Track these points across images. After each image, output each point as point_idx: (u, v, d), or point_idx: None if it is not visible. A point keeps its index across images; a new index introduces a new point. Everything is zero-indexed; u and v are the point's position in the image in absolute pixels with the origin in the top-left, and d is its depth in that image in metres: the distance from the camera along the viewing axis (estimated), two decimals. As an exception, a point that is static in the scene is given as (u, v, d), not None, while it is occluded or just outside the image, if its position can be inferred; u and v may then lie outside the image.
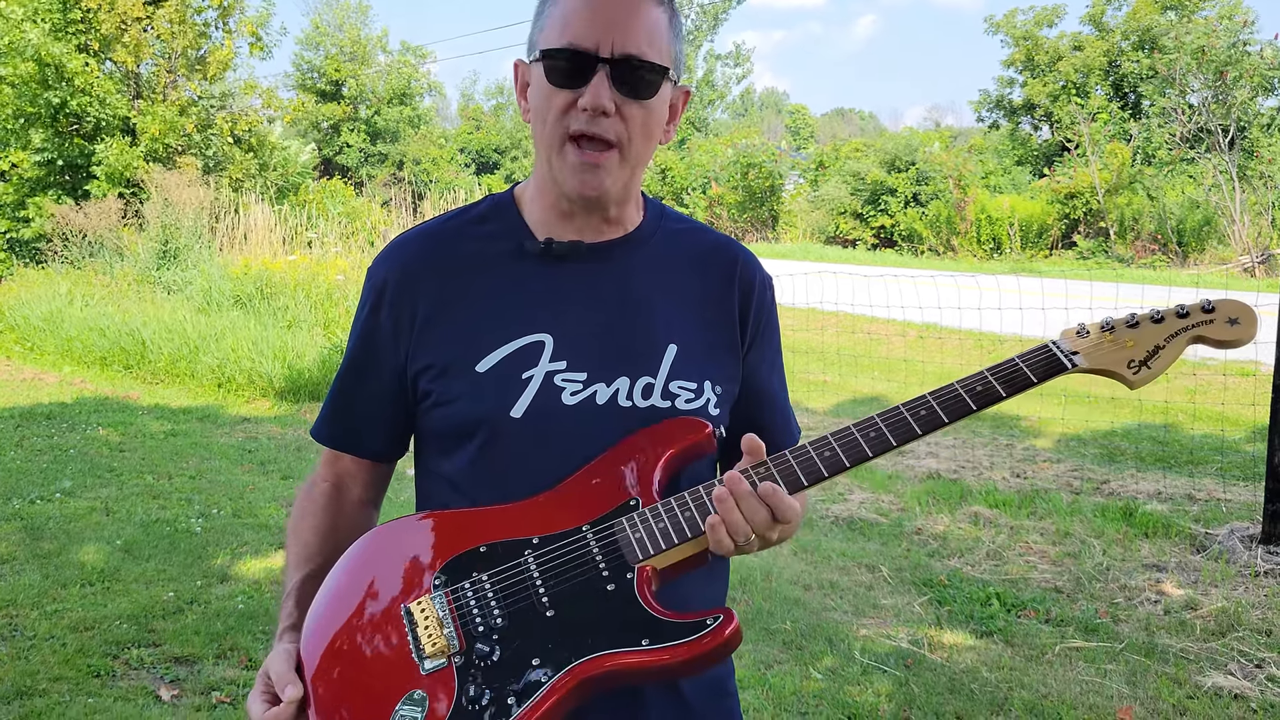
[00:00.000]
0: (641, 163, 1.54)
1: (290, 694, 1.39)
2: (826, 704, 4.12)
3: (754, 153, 34.20)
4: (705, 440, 1.51)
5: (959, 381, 1.49)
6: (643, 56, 1.45)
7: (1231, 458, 7.55)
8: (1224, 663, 4.42)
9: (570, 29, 1.44)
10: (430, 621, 1.40)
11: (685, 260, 1.64)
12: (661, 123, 1.54)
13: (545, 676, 1.34)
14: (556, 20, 1.46)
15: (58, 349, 12.31)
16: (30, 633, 4.69)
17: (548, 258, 1.56)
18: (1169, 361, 1.49)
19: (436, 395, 1.54)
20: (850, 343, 11.94)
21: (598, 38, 1.43)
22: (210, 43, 20.12)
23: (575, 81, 1.45)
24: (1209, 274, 20.17)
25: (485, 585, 1.42)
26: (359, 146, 42.96)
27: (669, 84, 1.52)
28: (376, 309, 1.60)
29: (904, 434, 1.45)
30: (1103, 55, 31.98)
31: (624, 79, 1.45)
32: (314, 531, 1.64)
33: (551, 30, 1.47)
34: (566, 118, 1.47)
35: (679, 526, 1.42)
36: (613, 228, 1.60)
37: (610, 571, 1.41)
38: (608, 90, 1.44)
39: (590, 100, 1.44)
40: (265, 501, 6.78)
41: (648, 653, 1.36)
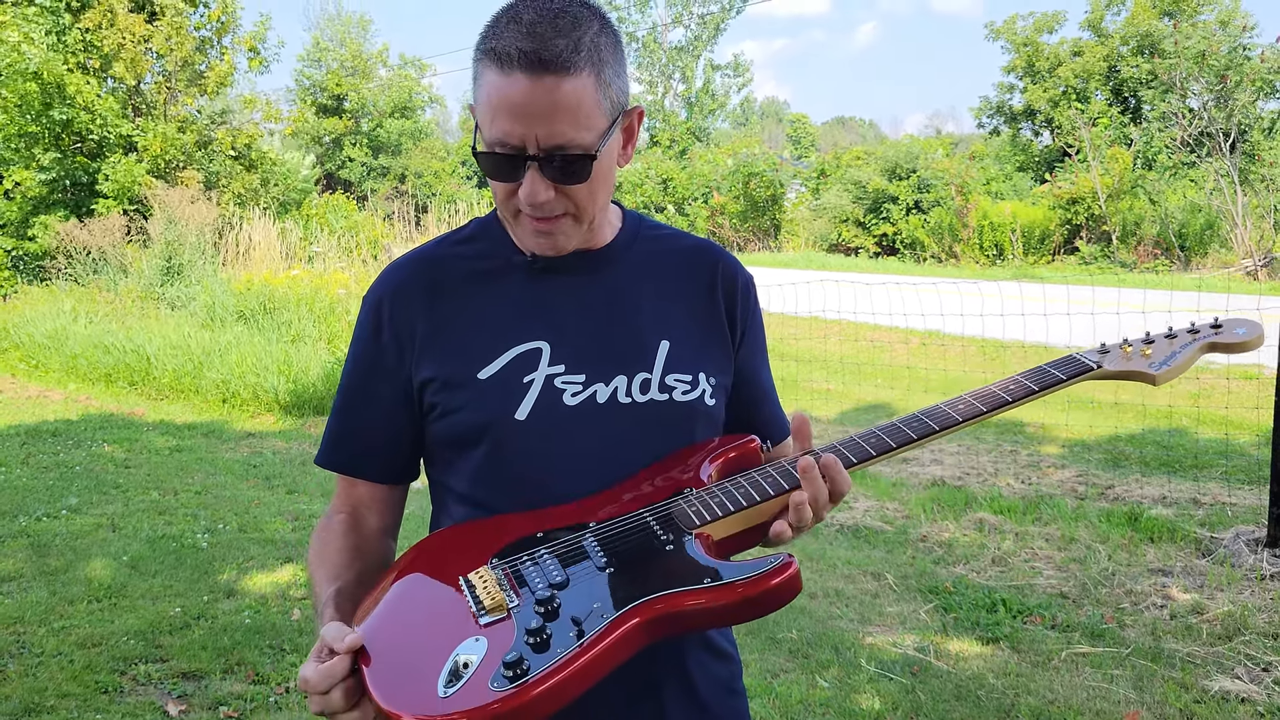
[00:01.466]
0: (601, 209, 1.57)
1: (349, 641, 1.33)
2: (833, 712, 4.13)
3: (755, 162, 34.22)
4: (752, 451, 1.60)
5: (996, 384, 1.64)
6: (570, 145, 1.44)
7: (1236, 461, 7.54)
8: (1231, 667, 4.42)
9: (497, 124, 1.43)
10: (489, 584, 1.40)
11: (668, 262, 1.70)
12: (607, 179, 1.54)
13: (607, 615, 1.33)
14: (484, 104, 1.45)
15: (62, 366, 12.35)
16: (38, 649, 4.70)
17: (535, 270, 1.62)
18: (1188, 363, 1.65)
19: (442, 406, 1.58)
20: (853, 351, 11.94)
21: (522, 134, 1.42)
22: (209, 59, 20.21)
23: (510, 176, 1.47)
24: (1211, 278, 20.15)
25: (543, 555, 1.44)
26: (361, 160, 43.06)
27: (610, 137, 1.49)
28: (378, 331, 1.64)
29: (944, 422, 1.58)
30: (1102, 60, 32.01)
31: (555, 170, 1.46)
32: (339, 552, 1.62)
33: (482, 113, 1.46)
34: (512, 200, 1.51)
35: (733, 497, 1.49)
36: (592, 241, 1.64)
37: (669, 538, 1.45)
38: (542, 183, 1.46)
39: (526, 198, 1.47)
40: (271, 516, 6.79)
41: (710, 591, 1.36)
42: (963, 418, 1.58)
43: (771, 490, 1.49)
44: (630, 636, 1.33)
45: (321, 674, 1.31)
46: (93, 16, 17.98)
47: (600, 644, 1.31)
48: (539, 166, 1.45)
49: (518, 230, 1.57)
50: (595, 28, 1.45)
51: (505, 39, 1.41)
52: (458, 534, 1.54)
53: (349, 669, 1.33)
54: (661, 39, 49.73)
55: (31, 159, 18.26)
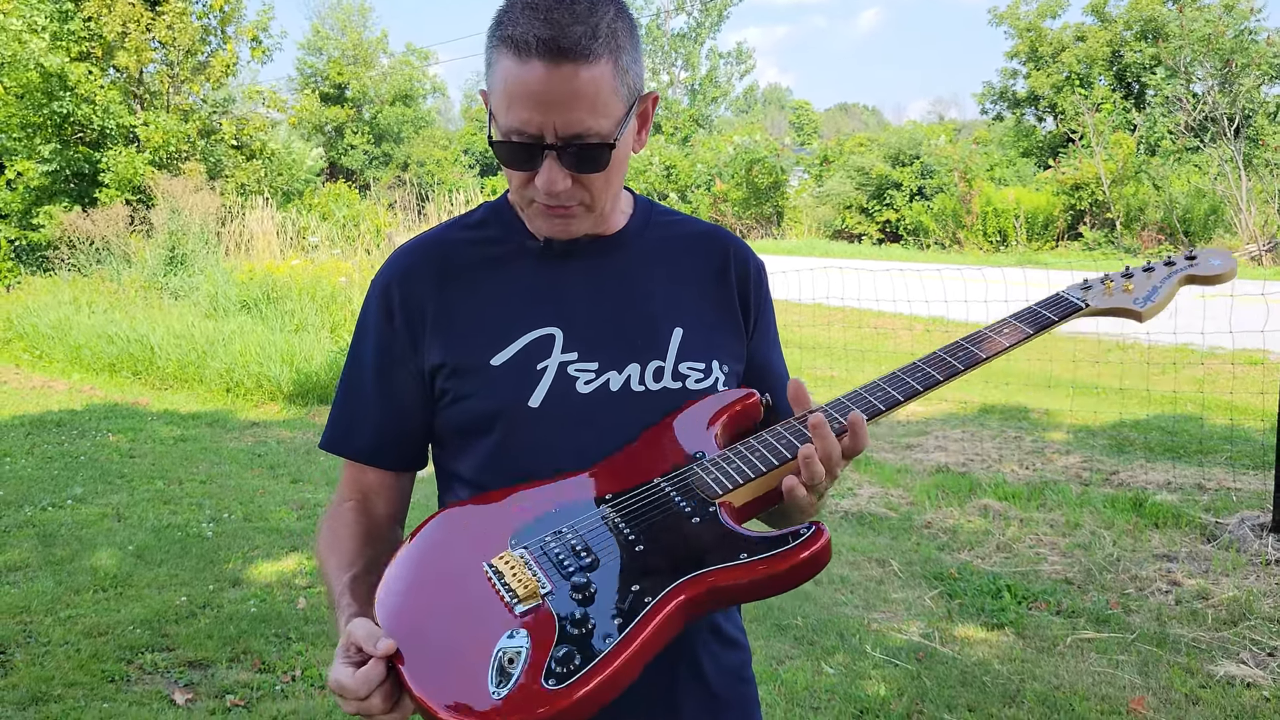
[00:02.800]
0: (613, 198, 1.57)
1: (384, 646, 1.31)
2: (839, 698, 4.13)
3: (757, 149, 34.16)
4: (753, 405, 1.56)
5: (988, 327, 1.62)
6: (588, 135, 1.42)
7: (1241, 447, 7.53)
8: (1236, 651, 4.42)
9: (514, 113, 1.42)
10: (517, 571, 1.37)
11: (680, 248, 1.68)
12: (621, 169, 1.54)
13: (649, 599, 1.32)
14: (500, 92, 1.43)
15: (66, 356, 12.36)
16: (44, 639, 4.72)
17: (548, 255, 1.60)
18: (1168, 298, 1.65)
19: (453, 392, 1.56)
20: (857, 338, 11.94)
21: (540, 123, 1.41)
22: (211, 49, 20.18)
23: (526, 165, 1.46)
24: (1216, 263, 20.07)
25: (567, 535, 1.41)
26: (363, 148, 43.03)
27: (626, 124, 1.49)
28: (388, 316, 1.61)
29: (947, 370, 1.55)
30: (1106, 45, 31.90)
31: (573, 159, 1.44)
32: (351, 539, 1.61)
33: (498, 101, 1.44)
34: (527, 189, 1.49)
35: (751, 463, 1.46)
36: (604, 227, 1.63)
37: (692, 508, 1.43)
38: (559, 172, 1.45)
39: (544, 186, 1.45)
40: (276, 505, 6.80)
41: (746, 566, 1.35)
42: (965, 365, 1.55)
43: (789, 454, 1.46)
44: (674, 617, 1.32)
45: (360, 680, 1.29)
46: (94, 5, 17.95)
47: (647, 628, 1.30)
48: (557, 155, 1.43)
49: (529, 215, 1.55)
50: (611, 13, 1.44)
51: (521, 25, 1.39)
52: (468, 512, 1.51)
53: (386, 673, 1.31)
54: (664, 26, 49.61)
55: (33, 149, 18.26)
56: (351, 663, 1.33)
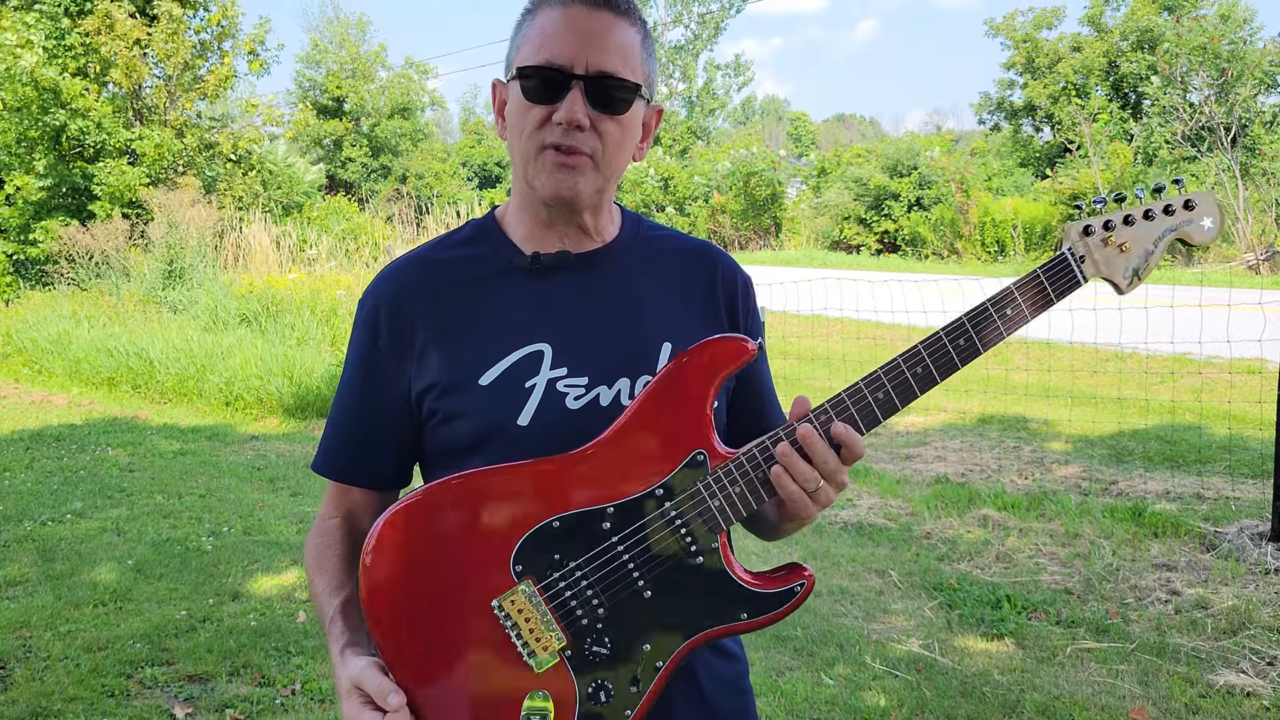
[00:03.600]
0: (614, 175, 1.58)
1: (395, 702, 1.38)
2: (839, 710, 4.13)
3: (754, 161, 34.23)
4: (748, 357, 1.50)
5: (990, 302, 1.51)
6: (616, 74, 1.50)
7: (1240, 456, 7.54)
8: (1236, 661, 4.42)
9: (547, 47, 1.49)
10: (531, 620, 1.42)
11: (668, 263, 1.69)
12: (635, 138, 1.58)
13: (660, 661, 1.45)
14: (533, 39, 1.51)
15: (66, 370, 12.36)
16: (44, 653, 4.71)
17: (537, 270, 1.60)
18: (1154, 265, 1.57)
19: (443, 413, 1.56)
20: (855, 349, 11.94)
21: (572, 55, 1.48)
22: (209, 63, 20.21)
23: (550, 97, 1.50)
24: (1214, 272, 20.14)
25: (577, 575, 1.44)
26: (361, 161, 43.09)
27: (641, 101, 1.56)
28: (374, 337, 1.61)
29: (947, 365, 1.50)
30: (1102, 56, 32.01)
31: (598, 95, 1.50)
32: (340, 559, 1.63)
33: (528, 48, 1.52)
34: (542, 131, 1.51)
35: (755, 490, 1.47)
36: (592, 239, 1.64)
37: (698, 545, 1.46)
38: (582, 105, 1.49)
39: (565, 114, 1.48)
40: (275, 519, 6.80)
41: (746, 624, 1.48)
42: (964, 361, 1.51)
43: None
44: (681, 664, 1.49)
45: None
46: (92, 22, 17.99)
47: (658, 688, 1.45)
48: (583, 88, 1.49)
49: (535, 169, 1.54)
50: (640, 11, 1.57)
51: None
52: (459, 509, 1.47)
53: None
54: (661, 38, 49.72)
55: (30, 165, 18.28)
56: (371, 706, 1.41)
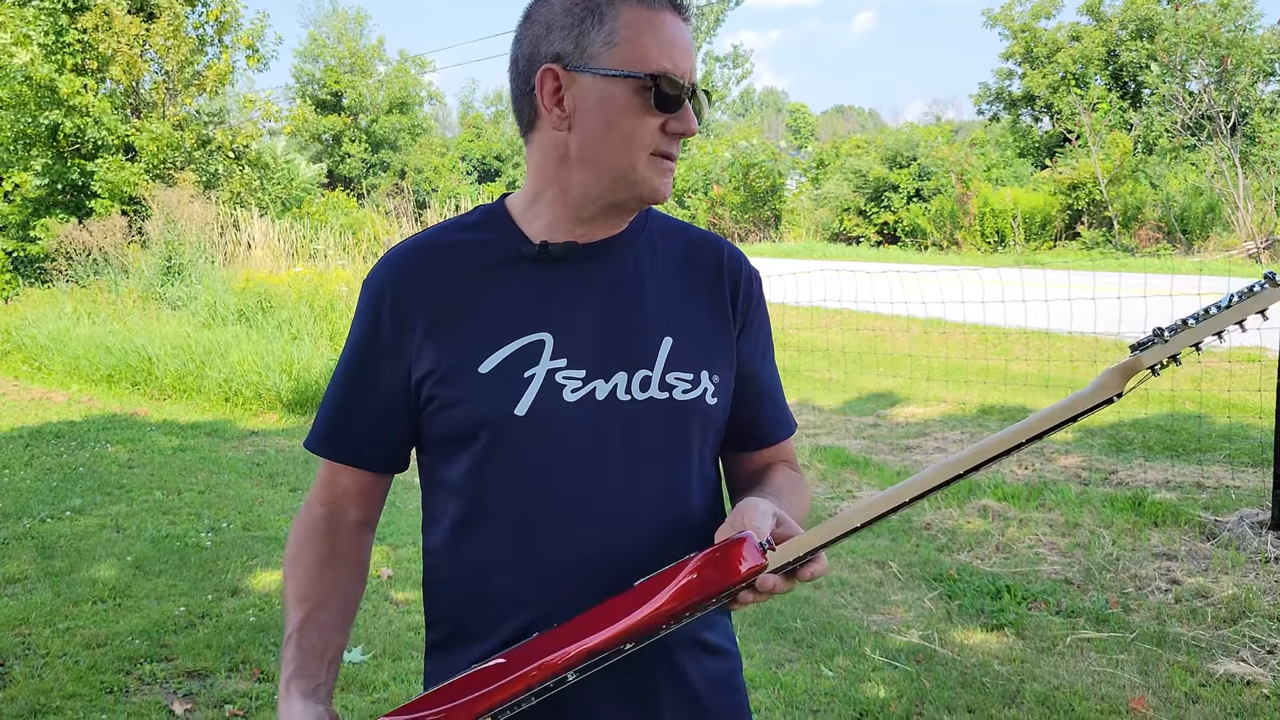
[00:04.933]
0: None
1: None
2: (838, 701, 4.12)
3: (753, 153, 34.20)
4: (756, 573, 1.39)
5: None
6: (699, 87, 1.55)
7: (1240, 444, 7.53)
8: (1236, 650, 4.41)
9: (668, 55, 1.49)
10: None
11: (674, 256, 1.67)
12: None
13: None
14: (635, 39, 1.49)
15: (65, 367, 12.36)
16: (43, 650, 4.71)
17: (544, 260, 1.58)
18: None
19: (440, 400, 1.55)
20: (855, 340, 11.94)
21: (686, 67, 1.51)
22: (208, 58, 20.19)
23: (671, 107, 1.51)
24: (1213, 261, 20.12)
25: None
26: (360, 156, 43.06)
27: None
28: (376, 320, 1.60)
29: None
30: (1101, 45, 31.95)
31: (699, 105, 1.55)
32: (313, 561, 1.63)
33: (632, 49, 1.48)
34: (656, 138, 1.52)
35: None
36: (604, 230, 1.62)
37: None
38: (693, 118, 1.54)
39: (688, 127, 1.52)
40: (275, 514, 6.79)
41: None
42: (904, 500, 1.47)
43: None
44: None
45: None
46: (90, 18, 17.96)
47: None
48: (692, 98, 1.53)
49: (644, 174, 1.53)
50: None
51: None
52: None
53: None
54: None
55: (28, 162, 18.27)
56: None
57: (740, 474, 1.74)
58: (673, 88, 1.48)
